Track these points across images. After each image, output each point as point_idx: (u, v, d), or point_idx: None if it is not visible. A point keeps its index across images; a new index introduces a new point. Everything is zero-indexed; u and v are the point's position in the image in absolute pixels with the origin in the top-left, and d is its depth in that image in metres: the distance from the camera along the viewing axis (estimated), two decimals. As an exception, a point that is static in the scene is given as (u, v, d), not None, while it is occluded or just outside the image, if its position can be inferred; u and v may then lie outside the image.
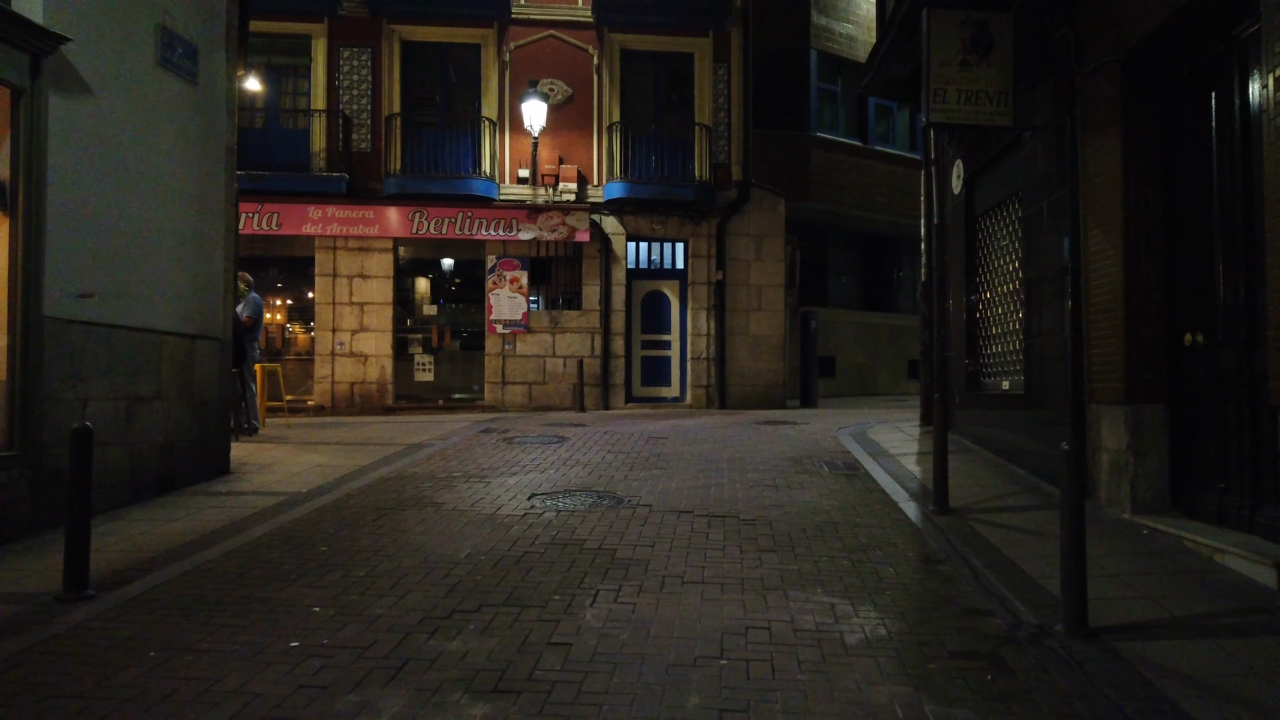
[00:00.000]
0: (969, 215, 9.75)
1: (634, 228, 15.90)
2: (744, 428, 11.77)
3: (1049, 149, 7.33)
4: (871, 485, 7.66)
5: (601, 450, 9.42)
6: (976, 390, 9.54)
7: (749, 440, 10.40)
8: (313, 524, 6.06)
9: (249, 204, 14.52)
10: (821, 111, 20.97)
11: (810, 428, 11.81)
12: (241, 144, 15.93)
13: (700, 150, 15.81)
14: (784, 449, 9.66)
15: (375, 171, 15.21)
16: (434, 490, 7.19)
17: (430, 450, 9.38)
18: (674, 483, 7.65)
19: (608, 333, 15.70)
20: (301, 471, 8.01)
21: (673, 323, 16.23)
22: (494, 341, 15.50)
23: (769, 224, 16.22)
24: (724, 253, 16.01)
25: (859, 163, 21.20)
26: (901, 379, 23.80)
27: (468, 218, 15.13)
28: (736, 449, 9.64)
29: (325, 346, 15.17)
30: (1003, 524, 6.21)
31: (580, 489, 7.37)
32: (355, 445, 9.74)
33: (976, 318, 9.62)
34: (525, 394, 15.49)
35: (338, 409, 15.07)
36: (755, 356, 16.08)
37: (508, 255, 15.52)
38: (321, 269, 15.20)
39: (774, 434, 11.07)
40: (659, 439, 10.33)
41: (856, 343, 22.46)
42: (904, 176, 22.04)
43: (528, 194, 15.56)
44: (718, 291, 15.94)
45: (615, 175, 15.52)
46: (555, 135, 15.62)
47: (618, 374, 15.75)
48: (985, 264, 9.44)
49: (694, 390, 15.94)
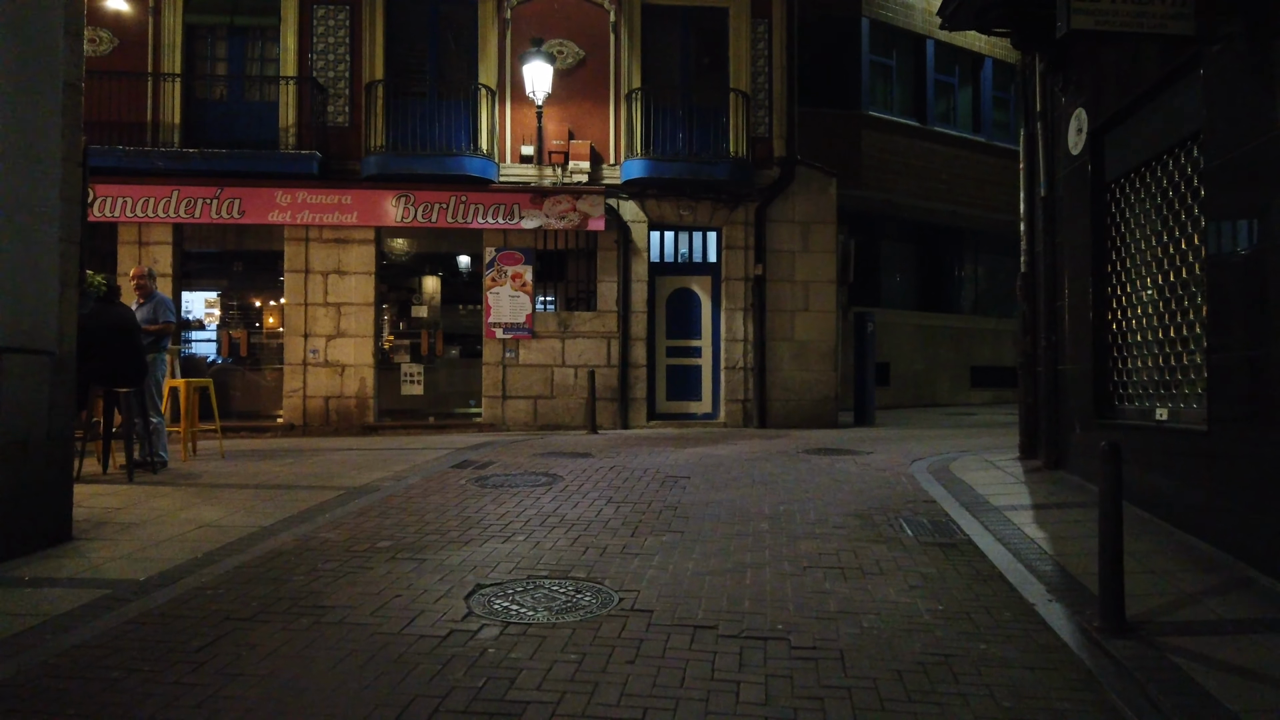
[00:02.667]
0: (1097, 182, 7.21)
1: (657, 214, 13.49)
2: (790, 459, 9.30)
3: (1258, 65, 4.79)
4: (983, 567, 5.18)
5: (600, 498, 7.03)
6: (1110, 417, 6.99)
7: (797, 480, 7.94)
8: (93, 659, 3.74)
9: (206, 188, 12.41)
10: (874, 88, 18.62)
11: (874, 458, 9.31)
12: (200, 118, 14.04)
13: (736, 122, 13.36)
14: (845, 496, 7.19)
15: (354, 149, 12.98)
16: (333, 579, 4.85)
17: (373, 497, 7.06)
18: (691, 561, 5.24)
19: (626, 338, 13.31)
20: (171, 538, 5.72)
21: (703, 326, 13.80)
22: (493, 348, 13.19)
23: (818, 208, 13.71)
24: (764, 243, 13.54)
25: (916, 145, 18.77)
26: (964, 387, 21.29)
27: (461, 203, 12.84)
28: (781, 495, 7.20)
29: (296, 355, 12.96)
30: (1231, 664, 3.72)
31: (553, 573, 4.99)
32: (281, 488, 7.45)
33: (1111, 319, 7.07)
34: (529, 410, 13.16)
35: (310, 428, 12.86)
36: (801, 365, 13.58)
37: (509, 247, 13.20)
38: (291, 264, 13.00)
39: (829, 469, 8.60)
40: (679, 479, 7.91)
41: (913, 347, 19.95)
42: (967, 161, 19.57)
43: (532, 175, 13.24)
44: (757, 289, 13.47)
45: (635, 152, 13.13)
46: (565, 106, 13.28)
47: (638, 387, 13.35)
48: (1125, 245, 6.90)
49: (728, 406, 13.49)
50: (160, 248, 12.76)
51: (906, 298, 20.96)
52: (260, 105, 13.13)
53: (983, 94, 20.62)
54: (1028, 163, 8.67)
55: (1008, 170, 21.09)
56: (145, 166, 12.29)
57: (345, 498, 7.02)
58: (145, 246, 12.74)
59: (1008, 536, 5.85)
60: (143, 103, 12.71)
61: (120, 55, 12.73)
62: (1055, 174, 8.09)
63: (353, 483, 7.67)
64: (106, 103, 12.27)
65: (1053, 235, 8.11)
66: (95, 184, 12.10)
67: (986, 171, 19.96)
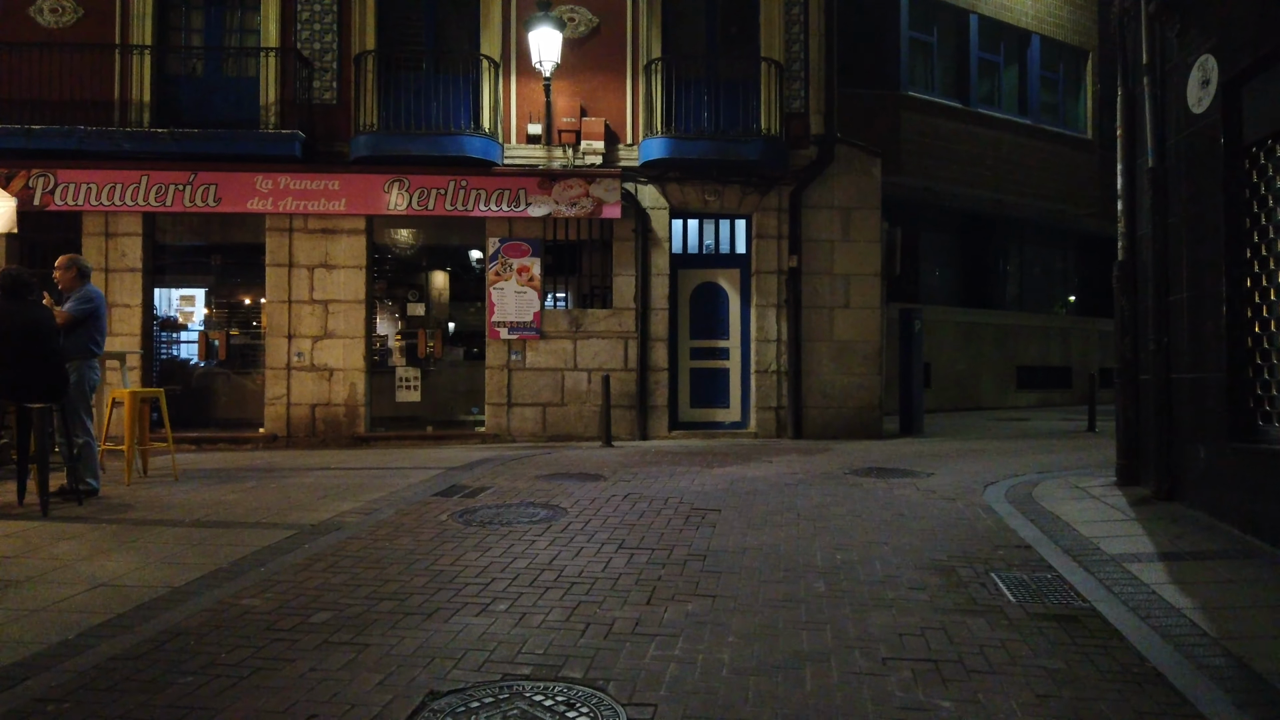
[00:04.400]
0: (1232, 146, 5.74)
1: (680, 199, 12.09)
2: (837, 484, 7.88)
3: None
4: (1127, 658, 3.76)
5: (609, 542, 5.66)
6: (1250, 440, 5.54)
7: (851, 513, 6.52)
8: None
9: (178, 173, 11.16)
10: (914, 66, 17.20)
11: (937, 482, 7.88)
12: (173, 96, 12.60)
13: (768, 96, 11.93)
14: (915, 538, 5.77)
15: (342, 129, 11.68)
16: (231, 683, 3.50)
17: (330, 540, 5.72)
18: (727, 648, 3.85)
19: (646, 338, 11.93)
20: (49, 605, 4.41)
21: (731, 324, 12.39)
22: (497, 350, 11.85)
23: (860, 192, 12.26)
24: (800, 231, 12.11)
25: (959, 128, 17.32)
26: (1009, 389, 19.83)
27: (461, 188, 11.51)
28: (835, 536, 5.80)
29: (279, 358, 11.68)
30: None
31: (537, 670, 3.61)
32: (222, 526, 6.13)
33: (1253, 317, 5.61)
34: (537, 419, 11.81)
35: (295, 440, 11.58)
36: (842, 368, 12.14)
37: (514, 237, 11.86)
38: (274, 257, 11.72)
39: (886, 497, 7.17)
40: (706, 513, 6.52)
41: (955, 346, 18.50)
42: (1013, 145, 18.13)
43: (540, 156, 11.88)
44: (791, 283, 12.05)
45: (655, 130, 11.74)
46: (576, 79, 11.90)
47: (659, 392, 11.96)
48: (1272, 225, 5.43)
49: (760, 414, 12.07)
50: (129, 239, 11.52)
51: (947, 293, 19.54)
52: (239, 81, 11.86)
53: (1029, 73, 19.10)
54: (1127, 130, 7.18)
55: (1057, 155, 19.58)
56: (109, 149, 11.06)
57: (294, 540, 5.69)
58: (112, 238, 11.51)
59: (1143, 604, 4.42)
60: (110, 79, 11.48)
61: (86, 26, 11.51)
62: (1166, 140, 6.61)
63: (312, 518, 6.34)
64: (69, 79, 11.07)
65: (1163, 215, 6.64)
66: (56, 169, 10.92)
67: (1034, 157, 18.49)
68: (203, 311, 12.28)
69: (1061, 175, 19.03)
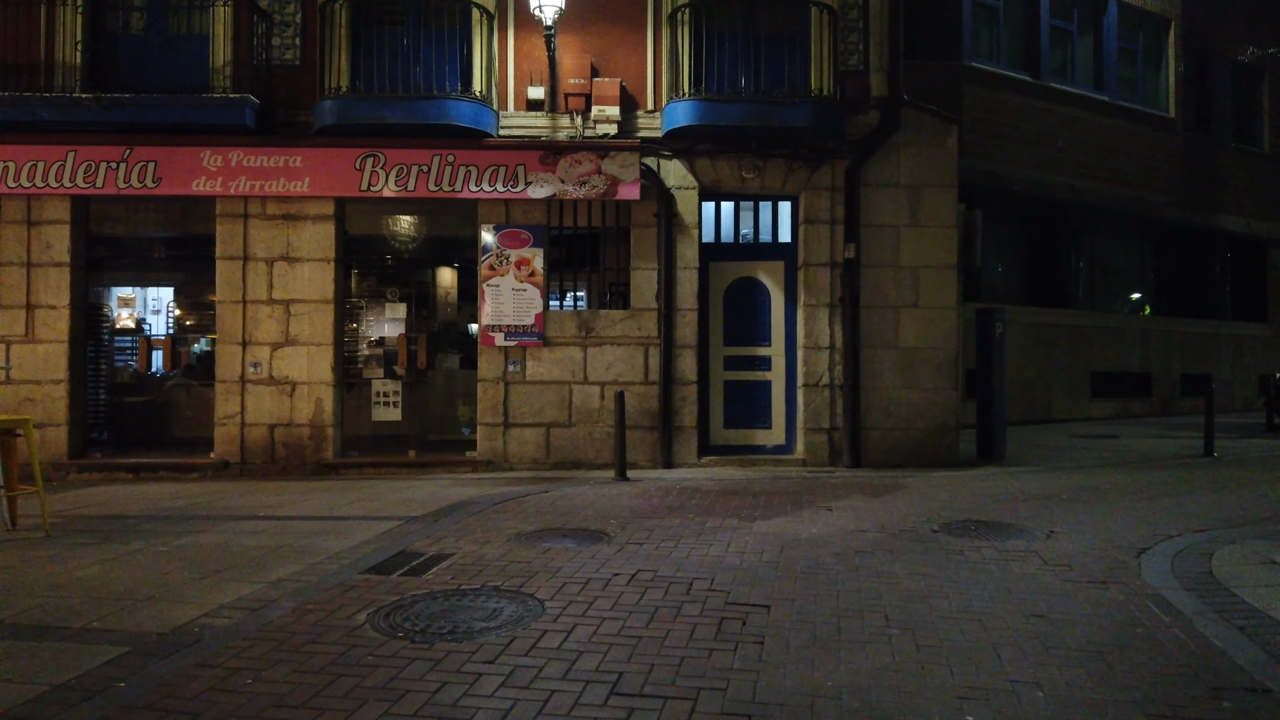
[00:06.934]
0: None
1: (712, 177, 10.00)
2: (927, 549, 5.73)
3: None
4: None
5: (598, 679, 3.59)
6: None
7: (965, 614, 4.38)
8: None
9: (111, 148, 9.30)
10: (978, 34, 15.11)
11: (1065, 547, 5.71)
12: (109, 57, 9.47)
13: (820, 50, 9.80)
14: (1079, 673, 3.63)
15: (307, 94, 9.73)
16: None
17: (163, 671, 3.72)
18: None
19: (670, 345, 9.86)
20: None
21: (774, 328, 10.27)
22: (491, 359, 9.84)
23: (932, 166, 10.08)
24: (857, 215, 9.96)
25: (1028, 104, 15.24)
26: (1082, 398, 17.55)
27: (448, 164, 9.52)
28: (953, 667, 3.68)
29: (231, 369, 9.76)
30: None
31: None
32: (29, 636, 4.16)
33: None
34: (539, 443, 9.78)
35: (250, 466, 9.66)
36: (909, 381, 9.97)
37: (512, 224, 9.84)
38: (225, 249, 9.80)
39: (1005, 579, 5.02)
40: (750, 612, 4.42)
41: (1022, 350, 16.28)
42: (1088, 124, 15.96)
43: (543, 126, 9.85)
44: (847, 277, 9.90)
45: (681, 92, 9.65)
46: (586, 32, 9.86)
47: (686, 411, 9.88)
48: None
49: (809, 436, 9.94)
50: (54, 228, 9.67)
51: (1012, 289, 17.30)
52: (187, 39, 9.94)
53: (1106, 44, 16.84)
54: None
55: (1135, 135, 17.11)
56: (26, 119, 9.20)
57: (109, 672, 3.69)
58: (36, 227, 9.66)
59: None
60: (35, 37, 9.62)
61: (5, -24, 9.66)
62: None
63: (170, 617, 4.34)
64: (-18, 37, 9.22)
65: None
66: (-37, 143, 9.06)
67: (1110, 137, 16.26)
68: (151, 314, 10.42)
69: (1140, 158, 16.79)
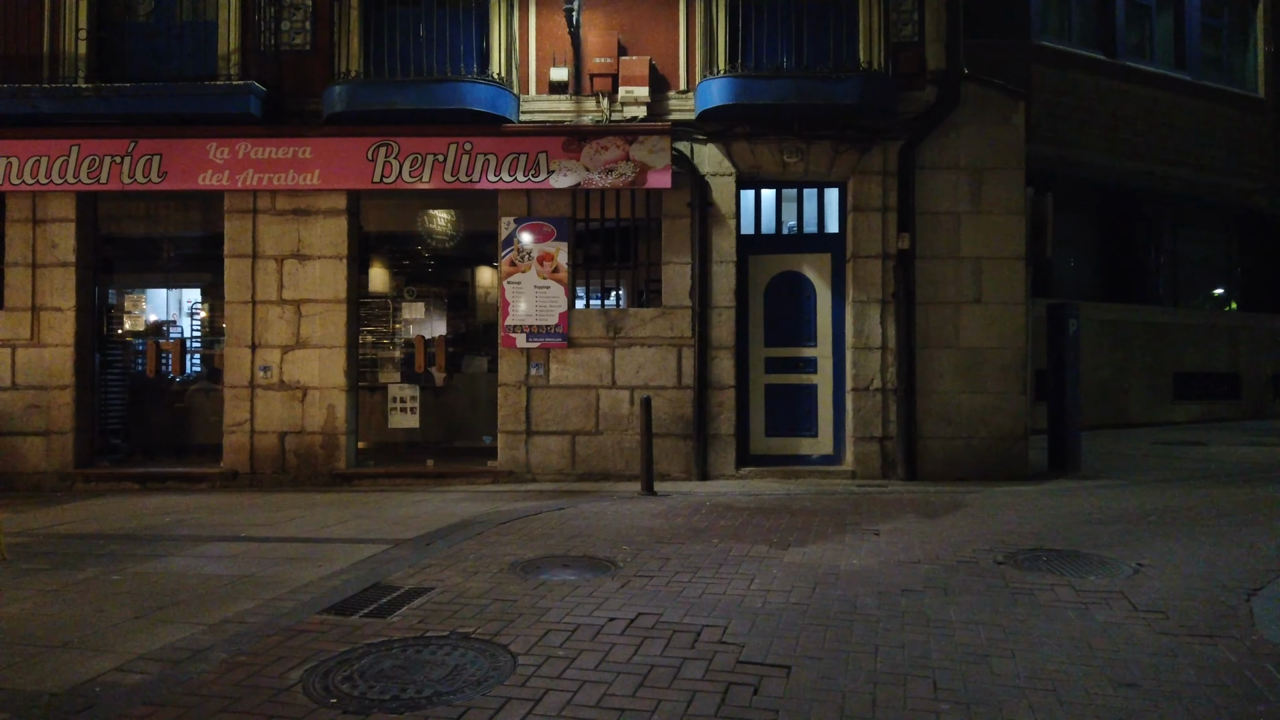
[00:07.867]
0: None
1: (751, 163, 9.15)
2: (989, 589, 4.83)
3: None
4: None
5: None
6: None
7: (1037, 681, 3.50)
8: None
9: (115, 141, 8.87)
10: (1047, 10, 14.09)
11: (1157, 587, 4.76)
12: (115, 47, 8.93)
13: (870, 20, 8.88)
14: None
15: (318, 81, 9.15)
16: None
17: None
18: None
19: (705, 346, 9.04)
20: None
21: (820, 327, 9.39)
22: (513, 362, 9.14)
23: (996, 147, 9.09)
24: (913, 202, 9.02)
25: (1103, 85, 14.09)
26: (1164, 400, 16.23)
27: (465, 153, 8.86)
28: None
29: (240, 374, 9.23)
30: None
31: None
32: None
33: None
34: (564, 452, 9.05)
35: (260, 477, 9.13)
36: (971, 384, 9.00)
37: (534, 216, 9.14)
38: (234, 246, 9.28)
39: (1085, 630, 4.10)
40: (764, 677, 3.60)
41: (1096, 349, 15.08)
42: (1169, 106, 14.73)
43: (567, 109, 9.12)
44: (901, 271, 8.97)
45: (716, 69, 8.83)
46: (613, 8, 9.11)
47: (723, 417, 9.05)
48: None
49: (859, 446, 9.03)
50: (60, 226, 9.25)
51: (1085, 284, 16.09)
52: (195, 27, 9.44)
53: (1188, 20, 15.54)
54: None
55: (1220, 118, 15.68)
56: (27, 111, 8.79)
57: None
58: (41, 226, 9.26)
59: None
60: (37, 26, 9.22)
61: (9, -35, 9.28)
62: None
63: (73, 673, 3.69)
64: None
65: None
66: (-35, 139, 8.68)
67: (1192, 120, 14.96)
68: (165, 316, 9.99)
69: (1225, 142, 15.46)
